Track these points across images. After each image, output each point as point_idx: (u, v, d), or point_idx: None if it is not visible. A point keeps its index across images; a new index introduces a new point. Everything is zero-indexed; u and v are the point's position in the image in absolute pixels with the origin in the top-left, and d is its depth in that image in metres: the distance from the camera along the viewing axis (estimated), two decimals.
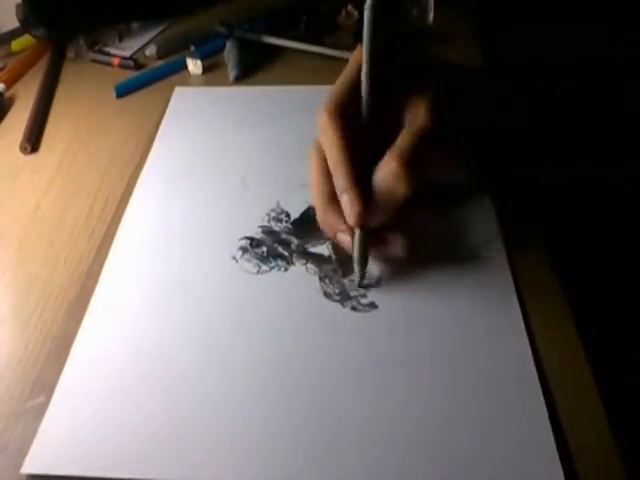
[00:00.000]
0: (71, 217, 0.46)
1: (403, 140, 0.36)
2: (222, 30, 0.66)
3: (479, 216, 0.43)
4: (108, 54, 0.66)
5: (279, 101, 0.56)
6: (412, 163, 0.35)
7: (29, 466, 0.31)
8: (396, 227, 0.38)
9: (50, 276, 0.42)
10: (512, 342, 0.35)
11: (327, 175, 0.37)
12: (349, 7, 0.68)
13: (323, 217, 0.38)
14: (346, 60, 0.40)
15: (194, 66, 0.62)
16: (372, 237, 0.38)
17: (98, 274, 0.41)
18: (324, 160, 0.37)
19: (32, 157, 0.53)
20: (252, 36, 0.66)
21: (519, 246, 0.41)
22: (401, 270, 0.39)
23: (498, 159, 0.44)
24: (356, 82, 0.38)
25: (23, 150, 0.53)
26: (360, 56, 0.38)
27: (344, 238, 0.38)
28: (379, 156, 0.36)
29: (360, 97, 0.38)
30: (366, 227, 0.37)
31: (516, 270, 0.39)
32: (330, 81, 0.40)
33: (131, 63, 0.64)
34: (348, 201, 0.36)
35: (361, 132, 0.37)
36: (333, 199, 0.37)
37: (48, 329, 0.38)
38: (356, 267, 0.38)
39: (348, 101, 0.37)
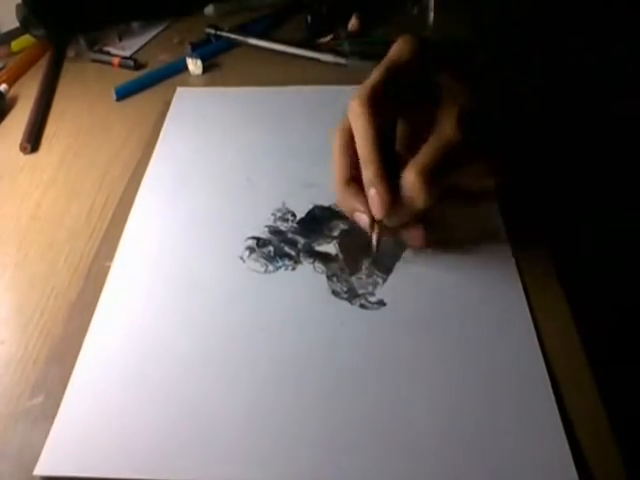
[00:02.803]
0: (71, 217, 0.46)
1: (426, 152, 0.35)
2: (210, 31, 0.67)
3: (484, 213, 0.43)
4: (108, 54, 0.66)
5: (282, 101, 0.56)
6: (432, 177, 0.35)
7: (42, 468, 0.30)
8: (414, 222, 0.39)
9: (50, 276, 0.41)
10: (520, 340, 0.35)
11: (350, 157, 0.38)
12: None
13: (342, 198, 0.39)
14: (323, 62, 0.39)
15: (194, 66, 0.62)
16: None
17: (98, 274, 0.40)
18: (348, 144, 0.38)
19: (32, 157, 0.53)
20: (239, 38, 0.66)
21: (523, 246, 0.41)
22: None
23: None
24: (393, 73, 0.37)
25: (23, 150, 0.53)
26: (402, 46, 0.38)
27: (362, 218, 0.38)
28: (409, 150, 0.36)
29: (396, 87, 0.37)
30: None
31: (521, 269, 0.39)
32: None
33: (131, 63, 0.63)
34: (375, 195, 0.36)
35: (393, 124, 0.38)
36: (353, 180, 0.38)
37: (48, 329, 0.38)
38: (373, 247, 0.38)
39: (383, 91, 0.37)
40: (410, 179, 0.35)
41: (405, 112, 0.38)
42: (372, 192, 0.36)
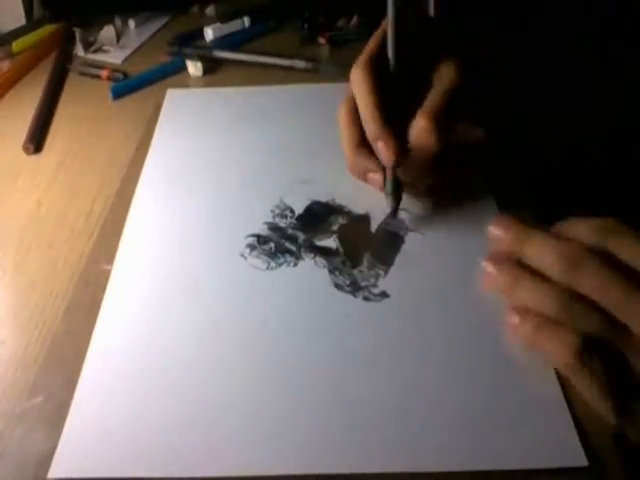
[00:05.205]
0: (71, 218, 0.46)
1: (433, 98, 0.38)
2: (173, 50, 0.65)
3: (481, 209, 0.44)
4: (98, 66, 0.64)
5: (274, 99, 0.56)
6: (442, 120, 0.37)
7: (55, 471, 0.30)
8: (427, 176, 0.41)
9: (50, 276, 0.41)
10: None
11: (356, 124, 0.41)
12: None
13: (354, 161, 0.41)
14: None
15: (194, 68, 0.62)
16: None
17: (97, 275, 0.40)
18: (353, 111, 0.41)
19: (33, 157, 0.52)
20: (203, 51, 0.65)
21: None
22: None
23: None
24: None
25: (26, 150, 0.52)
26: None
27: (375, 178, 0.41)
28: (409, 110, 0.39)
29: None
30: (400, 166, 0.40)
31: None
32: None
33: (120, 76, 0.62)
34: (383, 146, 0.38)
35: (392, 87, 0.40)
36: (362, 144, 0.40)
37: (48, 330, 0.37)
38: (388, 200, 0.41)
39: (380, 57, 0.40)
40: (421, 123, 0.37)
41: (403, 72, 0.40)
42: (379, 144, 0.38)
